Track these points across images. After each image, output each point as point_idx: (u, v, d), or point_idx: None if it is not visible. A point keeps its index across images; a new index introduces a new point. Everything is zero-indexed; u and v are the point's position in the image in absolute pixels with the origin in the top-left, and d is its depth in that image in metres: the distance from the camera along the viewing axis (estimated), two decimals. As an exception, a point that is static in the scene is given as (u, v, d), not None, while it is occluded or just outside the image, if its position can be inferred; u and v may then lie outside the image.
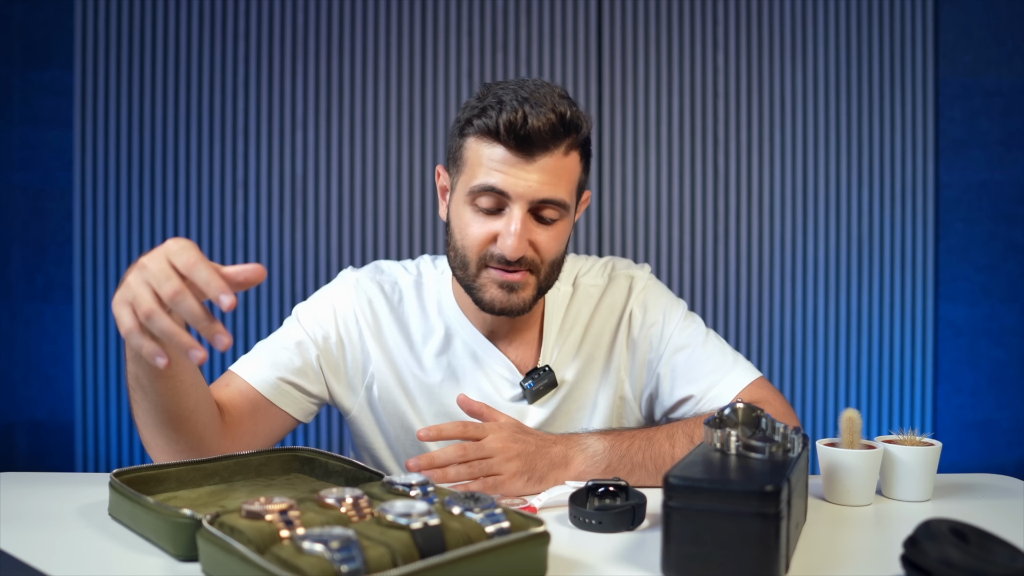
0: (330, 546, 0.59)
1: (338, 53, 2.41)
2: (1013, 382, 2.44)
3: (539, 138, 0.99)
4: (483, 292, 1.06)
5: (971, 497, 0.98)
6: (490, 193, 1.02)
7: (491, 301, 1.06)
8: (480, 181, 1.02)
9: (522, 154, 1.00)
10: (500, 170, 1.01)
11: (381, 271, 1.21)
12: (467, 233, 1.05)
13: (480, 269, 1.05)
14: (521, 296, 1.05)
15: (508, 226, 1.01)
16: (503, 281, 1.04)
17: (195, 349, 0.73)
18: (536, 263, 1.05)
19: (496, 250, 1.03)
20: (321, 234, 2.41)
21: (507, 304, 1.05)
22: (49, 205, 2.36)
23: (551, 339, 1.16)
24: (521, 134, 0.99)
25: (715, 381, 1.12)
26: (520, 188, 1.00)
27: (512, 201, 1.01)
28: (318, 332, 1.13)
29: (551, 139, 1.00)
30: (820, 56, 2.44)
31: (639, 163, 2.44)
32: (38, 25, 2.34)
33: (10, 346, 2.35)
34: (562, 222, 1.06)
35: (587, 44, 2.44)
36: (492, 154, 1.01)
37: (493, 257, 1.04)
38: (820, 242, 2.45)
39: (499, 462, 0.95)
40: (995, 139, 2.43)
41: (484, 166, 1.02)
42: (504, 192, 1.01)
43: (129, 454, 2.37)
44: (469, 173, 1.04)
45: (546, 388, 1.13)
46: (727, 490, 0.66)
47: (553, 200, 1.02)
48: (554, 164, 1.01)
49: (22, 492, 0.96)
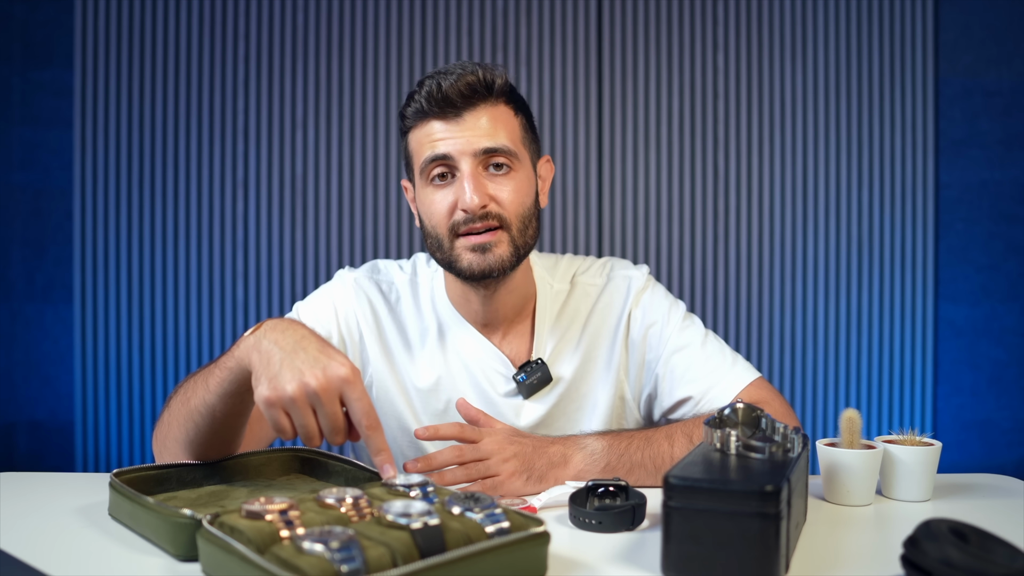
0: (330, 546, 0.59)
1: (338, 53, 2.41)
2: (1013, 382, 2.44)
3: (459, 96, 1.05)
4: (460, 262, 1.08)
5: (971, 497, 0.98)
6: (436, 162, 1.06)
7: (469, 267, 1.07)
8: (425, 156, 1.07)
9: (450, 117, 1.06)
10: (437, 138, 1.06)
11: (378, 271, 1.21)
12: (433, 211, 1.08)
13: (452, 240, 1.07)
14: (496, 254, 1.07)
15: (461, 184, 1.05)
16: (473, 244, 1.06)
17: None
18: (503, 216, 1.07)
19: (459, 214, 1.06)
20: (321, 234, 2.41)
21: (484, 265, 1.07)
22: (49, 205, 2.36)
23: (544, 333, 1.16)
24: (439, 97, 1.05)
25: (714, 382, 1.12)
26: (460, 145, 1.05)
27: (457, 160, 1.06)
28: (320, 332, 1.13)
29: (471, 95, 1.05)
30: (820, 56, 2.44)
31: (639, 163, 2.44)
32: (38, 25, 2.34)
33: (10, 346, 2.35)
34: (517, 172, 1.09)
35: (587, 44, 2.44)
36: (428, 131, 1.07)
37: (460, 223, 1.06)
38: (820, 242, 2.45)
39: (496, 463, 0.96)
40: (995, 139, 2.43)
41: (425, 144, 1.07)
42: (447, 155, 1.06)
43: (129, 454, 2.37)
44: (418, 159, 1.09)
45: (540, 382, 1.14)
46: (727, 490, 0.66)
47: (495, 148, 1.06)
48: (484, 117, 1.06)
49: (22, 492, 0.96)
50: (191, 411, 0.90)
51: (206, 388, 0.88)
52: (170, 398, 0.98)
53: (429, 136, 1.07)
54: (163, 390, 2.37)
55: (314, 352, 0.80)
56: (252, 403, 0.88)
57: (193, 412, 0.90)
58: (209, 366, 0.91)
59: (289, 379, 0.77)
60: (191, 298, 2.38)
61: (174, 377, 2.38)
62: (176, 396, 0.95)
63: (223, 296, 2.39)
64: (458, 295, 1.16)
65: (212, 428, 0.89)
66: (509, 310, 1.16)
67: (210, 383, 0.87)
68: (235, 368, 0.84)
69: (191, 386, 0.92)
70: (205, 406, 0.88)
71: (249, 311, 2.39)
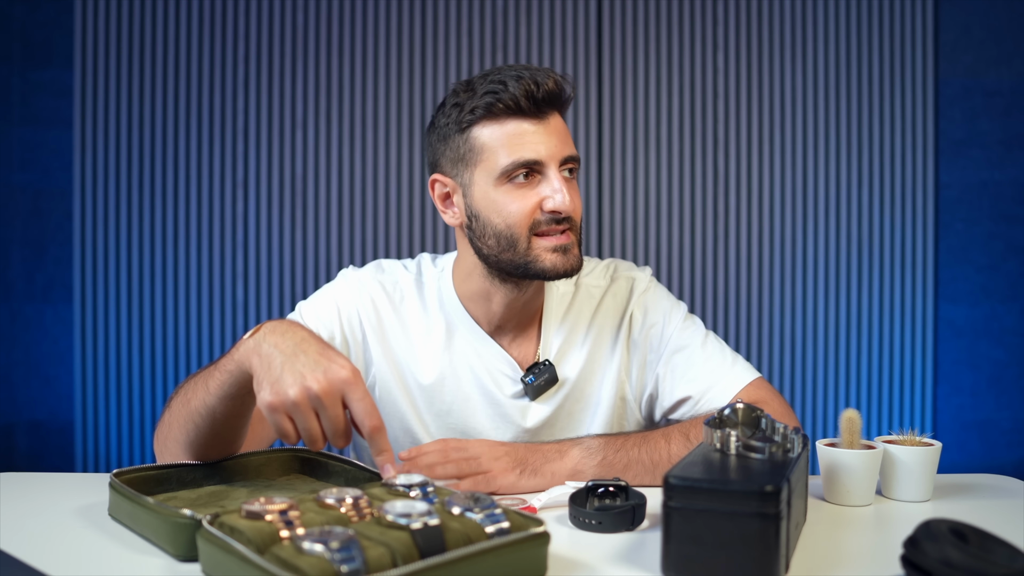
0: (330, 546, 0.59)
1: (338, 53, 2.41)
2: (1013, 382, 2.44)
3: (552, 98, 1.06)
4: (540, 262, 1.07)
5: (971, 497, 0.98)
6: (525, 166, 1.05)
7: (553, 267, 1.07)
8: (512, 159, 1.05)
9: (538, 119, 1.06)
10: (526, 141, 1.05)
11: (382, 270, 1.21)
12: (510, 211, 1.06)
13: (530, 241, 1.07)
14: (574, 254, 1.08)
15: (552, 185, 1.05)
16: (556, 245, 1.06)
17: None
18: (574, 220, 1.08)
19: (543, 215, 1.06)
20: (321, 234, 2.41)
21: (567, 264, 1.07)
22: (49, 205, 2.36)
23: (550, 334, 1.17)
24: (539, 97, 1.04)
25: (714, 382, 1.13)
26: (551, 149, 1.05)
27: (545, 165, 1.05)
28: (323, 333, 1.13)
29: (559, 98, 1.07)
30: (820, 56, 2.44)
31: (639, 163, 2.44)
32: (38, 25, 2.34)
33: (10, 346, 2.35)
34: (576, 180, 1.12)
35: (587, 44, 2.44)
36: (510, 131, 1.05)
37: (541, 223, 1.06)
38: (820, 242, 2.45)
39: (486, 460, 0.97)
40: (995, 139, 2.43)
41: (507, 145, 1.05)
42: (538, 160, 1.05)
43: (129, 454, 2.37)
44: (491, 159, 1.06)
45: (547, 383, 1.14)
46: (727, 490, 0.66)
47: (572, 155, 1.08)
48: (560, 123, 1.09)
49: (22, 492, 0.96)
50: (191, 412, 0.90)
51: (206, 390, 0.88)
52: (171, 399, 0.98)
53: (519, 136, 1.05)
54: (163, 390, 2.37)
55: (314, 355, 0.80)
56: (253, 405, 0.89)
57: (193, 413, 0.89)
58: (209, 368, 0.91)
59: (291, 383, 0.77)
60: (191, 298, 2.38)
61: (174, 377, 2.38)
62: (176, 397, 0.95)
63: (223, 296, 2.39)
64: (475, 296, 1.15)
65: (213, 429, 0.89)
66: (523, 312, 1.16)
67: (210, 385, 0.87)
68: (235, 371, 0.84)
69: (191, 387, 0.92)
70: (205, 408, 0.88)
71: (249, 311, 2.39)
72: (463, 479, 0.97)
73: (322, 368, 0.78)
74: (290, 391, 0.77)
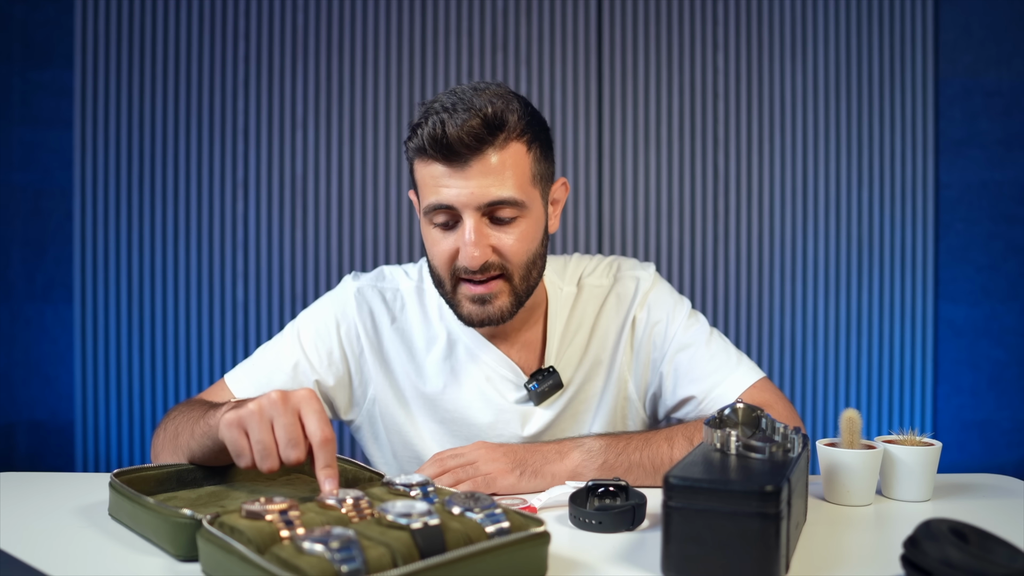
0: (330, 546, 0.59)
1: (338, 53, 2.41)
2: (1013, 382, 2.44)
3: (462, 144, 0.97)
4: (460, 308, 1.07)
5: (971, 497, 0.98)
6: (440, 210, 1.01)
7: (468, 316, 1.06)
8: (429, 201, 1.02)
9: (455, 163, 0.99)
10: (441, 184, 1.00)
11: (383, 277, 1.20)
12: (434, 252, 1.05)
13: (454, 285, 1.06)
14: (496, 305, 1.05)
15: (463, 237, 1.01)
16: (473, 295, 1.04)
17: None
18: (506, 267, 1.03)
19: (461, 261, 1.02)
20: (321, 235, 2.41)
21: (483, 315, 1.05)
22: (49, 205, 2.36)
23: (555, 340, 1.16)
24: (444, 143, 0.97)
25: (718, 381, 1.12)
26: (464, 197, 0.99)
27: (461, 211, 1.00)
28: (321, 349, 1.13)
29: (477, 142, 0.97)
30: (820, 56, 2.44)
31: (639, 163, 2.44)
32: (38, 25, 2.34)
33: (10, 346, 2.35)
34: (524, 220, 1.03)
35: (587, 44, 2.44)
36: (431, 171, 1.01)
37: (461, 271, 1.03)
38: (820, 242, 2.45)
39: (484, 463, 0.97)
40: (995, 139, 2.43)
41: (429, 185, 1.02)
42: (450, 205, 1.00)
43: (129, 454, 2.37)
44: (422, 194, 1.04)
45: (551, 390, 1.13)
46: (727, 490, 0.66)
47: (501, 200, 1.00)
48: (492, 164, 0.99)
49: (22, 492, 0.96)
50: (179, 447, 0.93)
51: (191, 435, 0.91)
52: (164, 422, 1.01)
53: (433, 179, 1.01)
54: (163, 390, 2.38)
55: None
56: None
57: (181, 448, 0.93)
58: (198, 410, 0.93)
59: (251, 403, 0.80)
60: (191, 298, 2.38)
61: (174, 377, 2.38)
62: (167, 427, 0.98)
63: (223, 296, 2.39)
64: None
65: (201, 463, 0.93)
66: (519, 323, 1.15)
67: (195, 432, 0.90)
68: (214, 436, 0.86)
69: (181, 422, 0.95)
70: (190, 450, 0.91)
71: (249, 311, 2.39)
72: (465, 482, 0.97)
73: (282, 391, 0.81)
74: (249, 405, 0.79)
